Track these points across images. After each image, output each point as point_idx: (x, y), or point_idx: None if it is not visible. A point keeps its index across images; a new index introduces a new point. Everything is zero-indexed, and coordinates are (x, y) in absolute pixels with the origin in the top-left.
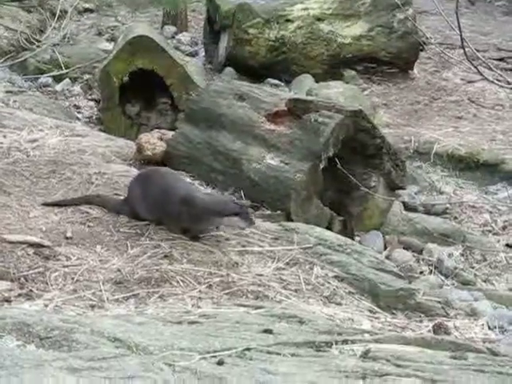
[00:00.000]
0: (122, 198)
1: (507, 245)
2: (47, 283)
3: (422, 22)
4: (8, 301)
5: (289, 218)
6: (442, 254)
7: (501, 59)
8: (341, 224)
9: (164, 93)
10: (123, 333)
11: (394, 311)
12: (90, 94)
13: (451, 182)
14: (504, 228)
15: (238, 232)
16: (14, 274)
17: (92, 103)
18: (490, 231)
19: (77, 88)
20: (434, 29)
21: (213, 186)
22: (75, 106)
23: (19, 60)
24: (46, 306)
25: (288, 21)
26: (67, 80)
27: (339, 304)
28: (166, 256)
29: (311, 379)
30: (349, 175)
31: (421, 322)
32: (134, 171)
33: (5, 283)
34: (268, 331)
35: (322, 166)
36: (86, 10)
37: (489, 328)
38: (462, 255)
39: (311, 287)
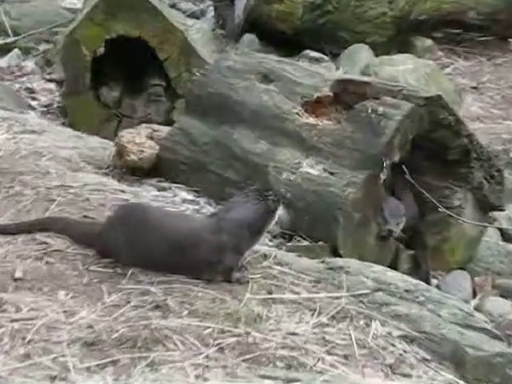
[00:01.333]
0: (96, 222)
1: None
2: None
3: None
4: None
5: (335, 252)
6: None
7: None
8: (411, 261)
9: (156, 71)
10: None
11: None
12: (49, 73)
13: None
14: None
15: (262, 270)
16: None
17: (52, 85)
18: None
19: (30, 64)
20: None
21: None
22: (28, 89)
23: None
24: None
25: None
26: (16, 52)
27: (408, 376)
28: (157, 306)
29: None
30: (422, 191)
31: None
32: (114, 184)
33: None
34: None
35: (383, 178)
36: None
37: None
38: None
39: (367, 352)
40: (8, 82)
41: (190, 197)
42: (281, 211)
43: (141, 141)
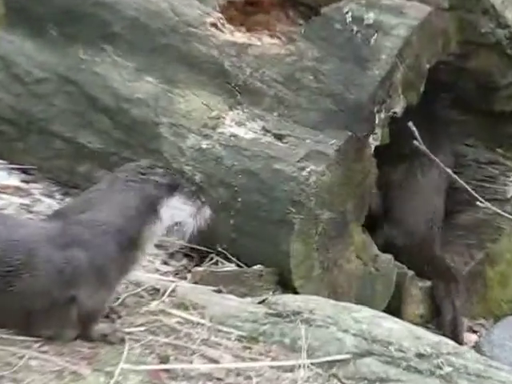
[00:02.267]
0: None
1: None
2: None
3: None
4: None
5: (286, 284)
6: None
7: None
8: (427, 299)
9: None
10: None
11: None
12: None
13: None
14: None
15: (148, 318)
16: None
17: None
18: None
19: None
20: None
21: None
22: None
23: None
24: None
25: None
26: None
27: None
28: None
29: None
30: (448, 170)
31: None
32: None
33: None
34: None
35: (374, 145)
36: None
37: None
38: None
39: None
40: None
41: (14, 181)
42: (191, 207)
43: None
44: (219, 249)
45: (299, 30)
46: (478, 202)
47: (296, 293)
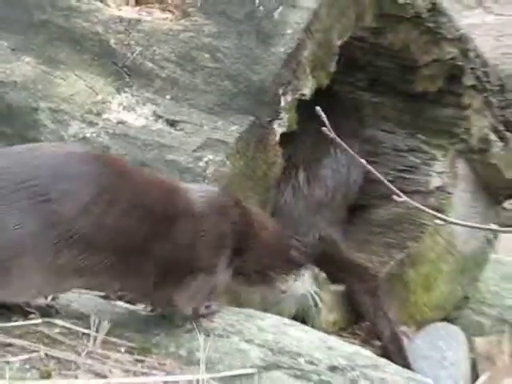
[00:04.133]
0: None
1: None
2: None
3: None
4: None
5: None
6: None
7: None
8: (341, 303)
9: None
10: None
11: None
12: None
13: None
14: None
15: None
16: None
17: None
18: None
19: None
20: None
21: None
22: None
23: None
24: None
25: None
26: None
27: None
28: None
29: None
30: (363, 162)
31: None
32: None
33: None
34: None
35: (279, 131)
36: None
37: None
38: None
39: None
40: None
41: None
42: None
43: None
44: None
45: (194, 3)
46: (395, 196)
47: None
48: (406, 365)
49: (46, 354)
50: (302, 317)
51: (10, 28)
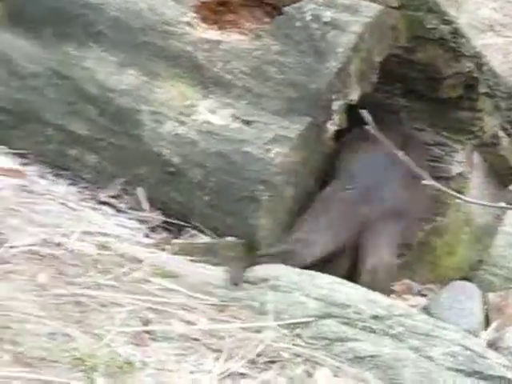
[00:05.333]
0: None
1: None
2: None
3: None
4: None
5: (253, 253)
6: None
7: None
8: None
9: None
10: None
11: None
12: None
13: None
14: None
15: (131, 286)
16: None
17: None
18: None
19: None
20: None
21: (72, 177)
22: None
23: None
24: None
25: None
26: None
27: None
28: None
29: None
30: (395, 150)
31: None
32: None
33: None
34: None
35: (332, 129)
36: None
37: None
38: None
39: None
40: None
41: (11, 163)
42: None
43: None
44: (195, 223)
45: (265, 28)
46: (424, 181)
47: (263, 260)
48: None
49: (146, 306)
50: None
51: (118, 47)
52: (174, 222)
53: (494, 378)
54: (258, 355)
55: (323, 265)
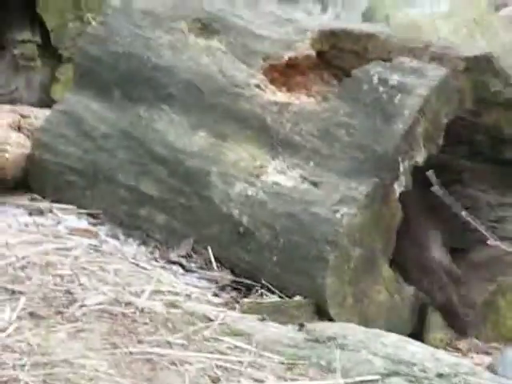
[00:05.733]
0: None
1: None
2: None
3: None
4: None
5: (322, 313)
6: None
7: None
8: (446, 324)
9: (24, 19)
10: None
11: None
12: None
13: None
14: None
15: (201, 346)
16: None
17: None
18: None
19: None
20: None
21: (143, 238)
22: None
23: None
24: None
25: None
26: None
27: None
28: None
29: None
30: (461, 211)
31: None
32: None
33: None
34: None
35: (399, 191)
36: None
37: None
38: None
39: None
40: None
41: (83, 224)
42: None
43: (2, 134)
44: (264, 282)
45: (333, 90)
46: (489, 241)
47: (331, 320)
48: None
49: (216, 364)
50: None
51: (188, 109)
52: (242, 281)
53: None
54: None
55: None
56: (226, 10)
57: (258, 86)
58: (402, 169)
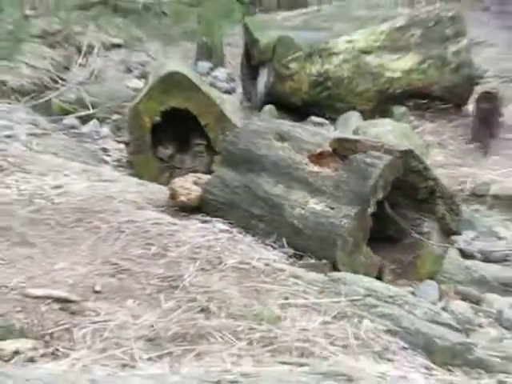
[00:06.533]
0: None
1: None
2: (74, 341)
3: (477, 53)
4: (32, 360)
5: (335, 268)
6: (503, 304)
7: None
8: (392, 273)
9: (199, 133)
10: None
11: (451, 368)
12: (119, 136)
13: (511, 226)
14: None
15: (279, 281)
16: (38, 331)
17: (121, 146)
18: None
19: (105, 129)
20: (490, 60)
21: (253, 233)
22: (103, 148)
23: (42, 100)
24: (73, 365)
25: (332, 54)
26: (94, 121)
27: (391, 360)
28: (202, 310)
29: None
30: (399, 220)
31: (480, 379)
32: (168, 219)
33: (29, 341)
34: None
35: (370, 211)
36: (114, 46)
37: None
38: None
39: (361, 342)
40: (88, 143)
41: (226, 227)
42: None
43: (188, 186)
44: (308, 254)
45: (340, 166)
46: (412, 234)
47: (339, 271)
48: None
49: (286, 291)
50: (379, 278)
51: (274, 175)
52: (298, 253)
53: (444, 325)
54: (337, 314)
55: None
56: (290, 128)
57: (305, 164)
58: (372, 202)
